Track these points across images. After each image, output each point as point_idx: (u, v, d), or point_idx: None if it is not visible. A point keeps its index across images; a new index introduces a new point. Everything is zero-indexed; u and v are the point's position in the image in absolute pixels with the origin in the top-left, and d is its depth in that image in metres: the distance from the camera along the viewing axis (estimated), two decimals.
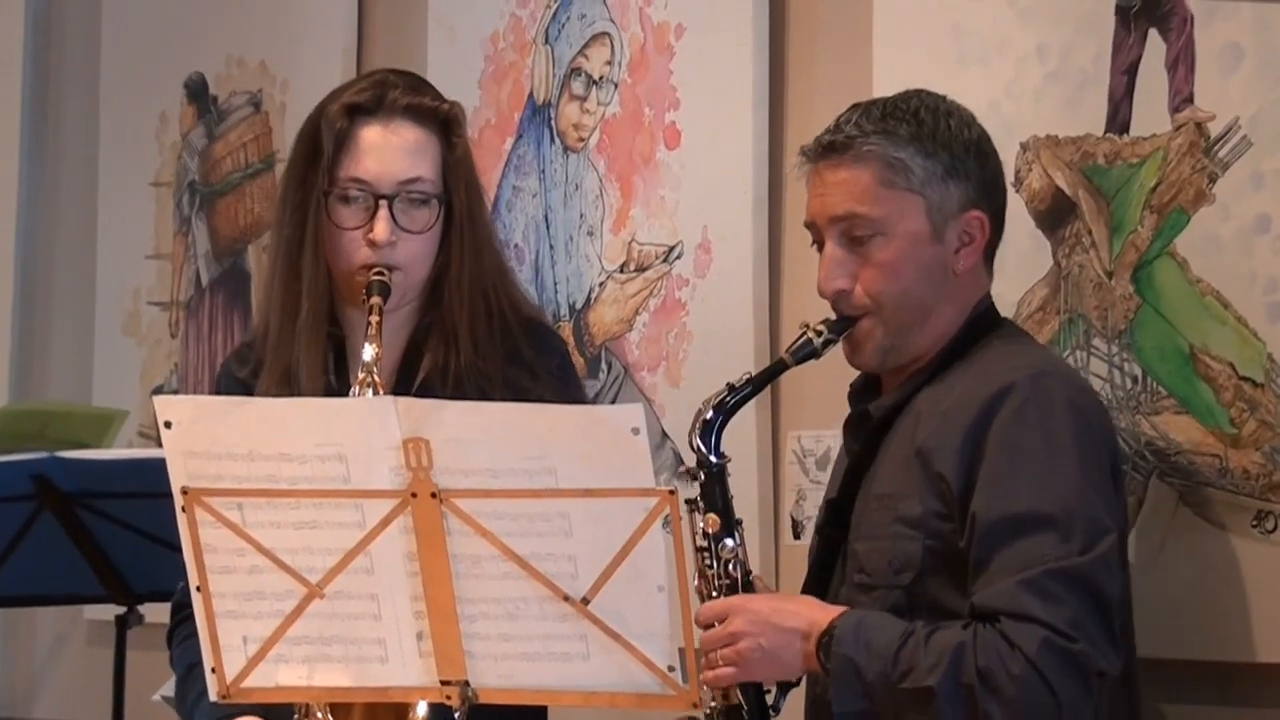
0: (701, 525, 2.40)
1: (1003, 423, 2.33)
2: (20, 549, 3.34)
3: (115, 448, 3.72)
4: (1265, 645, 2.56)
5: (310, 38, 3.84)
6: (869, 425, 2.49)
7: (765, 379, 2.48)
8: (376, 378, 2.37)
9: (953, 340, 2.47)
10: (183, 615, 2.58)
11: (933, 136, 2.45)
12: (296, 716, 2.33)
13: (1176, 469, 2.64)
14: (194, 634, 2.51)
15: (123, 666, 3.46)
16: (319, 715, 2.31)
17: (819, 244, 2.49)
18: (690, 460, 2.45)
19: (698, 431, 2.41)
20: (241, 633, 2.08)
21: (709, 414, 2.41)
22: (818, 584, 2.49)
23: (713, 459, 2.41)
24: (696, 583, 2.38)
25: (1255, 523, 2.57)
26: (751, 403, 2.49)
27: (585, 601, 2.02)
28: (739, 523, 2.42)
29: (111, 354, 4.23)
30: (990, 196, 2.49)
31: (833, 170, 2.45)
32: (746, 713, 2.36)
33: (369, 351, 2.39)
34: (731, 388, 2.44)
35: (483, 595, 2.04)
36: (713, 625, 2.34)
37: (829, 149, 2.46)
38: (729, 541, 2.40)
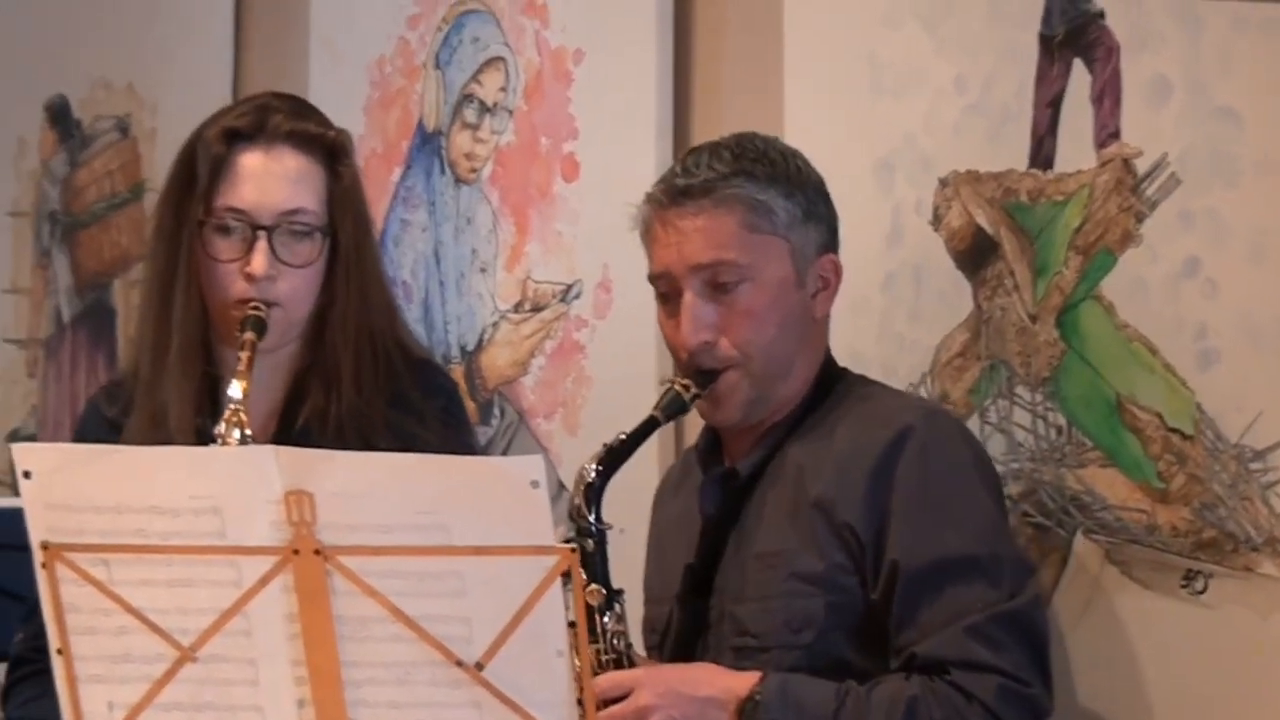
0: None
1: (908, 465, 2.38)
2: None
3: None
4: (1194, 712, 2.57)
5: (183, 59, 3.83)
6: (732, 485, 2.50)
7: (638, 437, 2.46)
8: (244, 416, 2.36)
9: (810, 390, 2.51)
10: (22, 673, 2.56)
11: (788, 178, 2.50)
12: None
13: (1103, 525, 2.65)
14: (37, 697, 2.48)
15: None
16: None
17: (666, 295, 2.50)
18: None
19: (581, 497, 2.41)
20: (106, 698, 2.03)
21: (591, 477, 2.41)
22: (682, 655, 2.48)
23: (596, 526, 2.40)
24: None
25: (1184, 583, 2.58)
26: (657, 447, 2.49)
27: (479, 667, 2.00)
28: (620, 593, 2.41)
29: None
30: (835, 241, 2.56)
31: (690, 216, 2.46)
32: None
33: (236, 388, 2.38)
34: (609, 449, 2.43)
35: (369, 659, 2.01)
36: (612, 701, 2.32)
37: (685, 193, 2.47)
38: (608, 615, 2.39)
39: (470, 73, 3.40)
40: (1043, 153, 2.74)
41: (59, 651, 2.03)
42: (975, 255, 2.80)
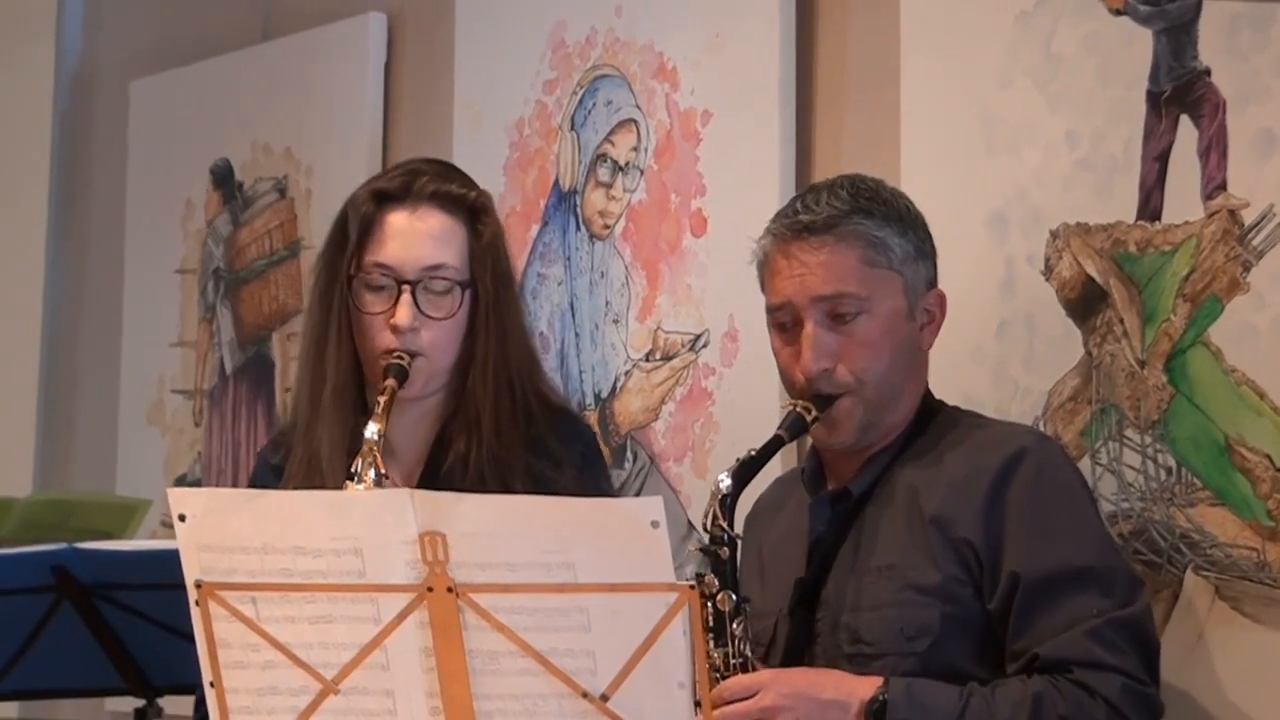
0: (713, 606, 2.41)
1: (1023, 483, 2.41)
2: (40, 641, 3.33)
3: (138, 538, 3.71)
4: None
5: (336, 123, 3.87)
6: (843, 506, 2.52)
7: (766, 454, 2.50)
8: (378, 455, 2.38)
9: (915, 418, 2.54)
10: (203, 711, 2.59)
11: (900, 217, 2.54)
12: None
13: (1213, 562, 2.62)
14: None
15: None
16: None
17: (785, 325, 2.53)
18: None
19: (717, 506, 2.44)
20: None
21: (725, 489, 2.45)
22: (790, 664, 2.48)
23: (728, 534, 2.43)
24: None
25: None
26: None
27: (604, 698, 2.00)
28: (747, 600, 2.44)
29: (135, 443, 4.24)
30: (937, 276, 2.58)
31: (813, 250, 2.50)
32: None
33: (372, 429, 2.40)
34: (741, 463, 2.48)
35: (500, 692, 2.02)
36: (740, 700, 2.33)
37: (808, 229, 2.50)
38: (736, 622, 2.41)
39: (603, 134, 3.42)
40: (1150, 205, 2.73)
41: (211, 684, 2.06)
42: (1085, 304, 2.79)
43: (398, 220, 2.54)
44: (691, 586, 2.00)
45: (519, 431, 2.55)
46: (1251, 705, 2.58)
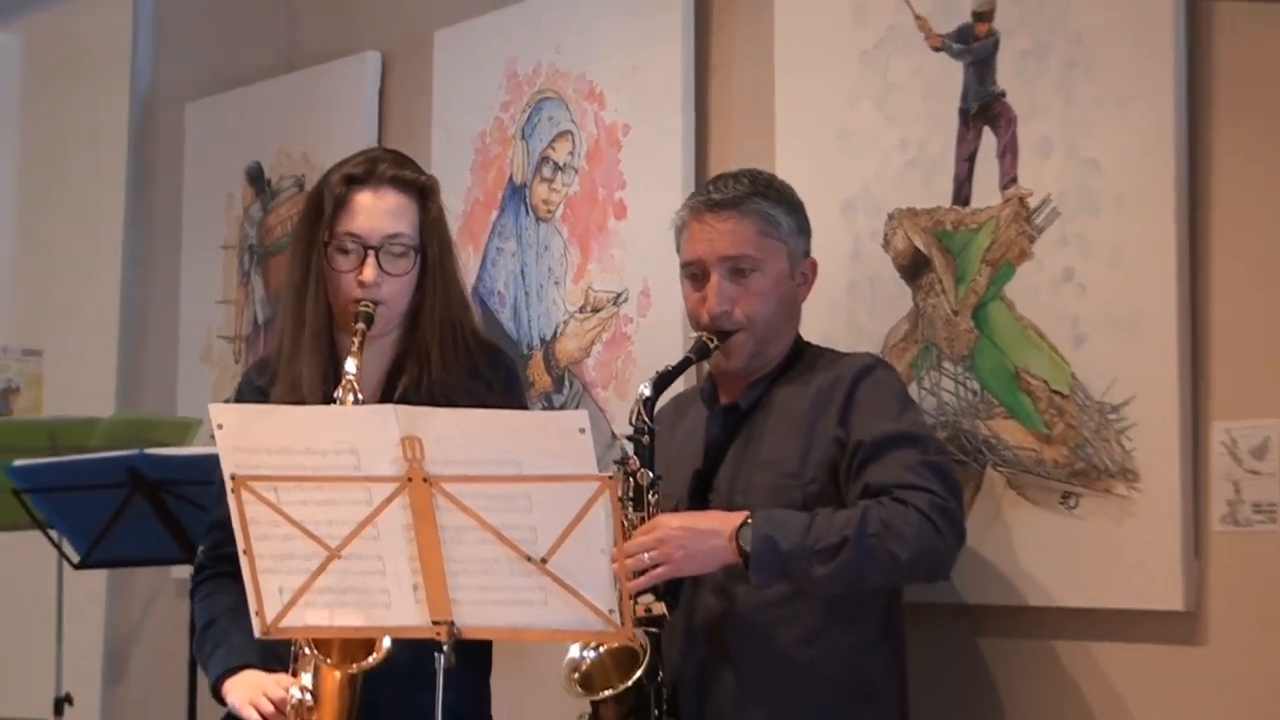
0: (634, 480, 2.43)
1: (868, 385, 2.47)
2: (119, 525, 3.36)
3: (193, 447, 3.71)
4: (1066, 592, 2.59)
5: (341, 134, 3.82)
6: (734, 416, 2.55)
7: (678, 370, 2.53)
8: (356, 385, 2.36)
9: (789, 352, 2.57)
10: (203, 575, 2.56)
11: (788, 201, 2.57)
12: (294, 648, 2.34)
13: (1005, 460, 2.66)
14: (213, 593, 2.50)
15: None
16: (305, 650, 2.31)
17: (696, 276, 2.55)
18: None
19: (641, 406, 2.46)
20: (278, 585, 2.07)
21: (647, 394, 2.47)
22: None
23: (649, 426, 2.45)
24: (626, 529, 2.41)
25: (1062, 500, 2.59)
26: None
27: (544, 561, 2.01)
28: (660, 478, 2.45)
29: (191, 377, 4.22)
30: (810, 248, 2.60)
31: (721, 221, 2.52)
32: (667, 611, 2.38)
33: (351, 364, 2.38)
34: (659, 374, 2.51)
35: (464, 556, 2.03)
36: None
37: (719, 204, 2.53)
38: (652, 493, 2.43)
39: (547, 141, 3.40)
40: (962, 194, 2.74)
41: (244, 552, 2.06)
42: (914, 268, 2.80)
43: (363, 198, 2.48)
44: (611, 478, 2.00)
45: (459, 362, 2.51)
46: (1033, 565, 2.62)
